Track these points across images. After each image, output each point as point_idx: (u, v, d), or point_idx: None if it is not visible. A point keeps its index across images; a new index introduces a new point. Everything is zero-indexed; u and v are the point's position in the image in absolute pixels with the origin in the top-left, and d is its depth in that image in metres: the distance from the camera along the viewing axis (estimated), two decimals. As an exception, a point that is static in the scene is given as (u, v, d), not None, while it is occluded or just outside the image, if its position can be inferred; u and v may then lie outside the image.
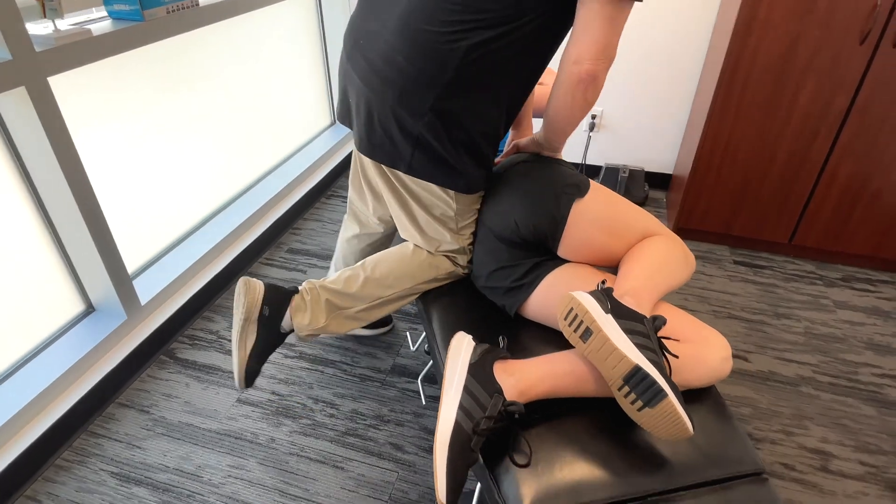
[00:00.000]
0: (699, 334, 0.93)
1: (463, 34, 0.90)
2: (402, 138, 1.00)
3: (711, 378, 0.91)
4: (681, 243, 1.07)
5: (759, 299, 1.87)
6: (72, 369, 1.41)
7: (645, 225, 1.07)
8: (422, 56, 0.93)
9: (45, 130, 1.23)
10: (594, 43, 0.87)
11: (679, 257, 1.03)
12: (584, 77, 0.90)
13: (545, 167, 1.12)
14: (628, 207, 1.09)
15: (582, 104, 0.95)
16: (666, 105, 2.33)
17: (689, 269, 1.05)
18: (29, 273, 1.37)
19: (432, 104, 0.95)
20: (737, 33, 1.72)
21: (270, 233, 2.11)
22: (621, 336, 0.82)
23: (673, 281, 1.01)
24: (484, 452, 0.87)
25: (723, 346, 0.92)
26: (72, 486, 1.28)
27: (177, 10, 1.53)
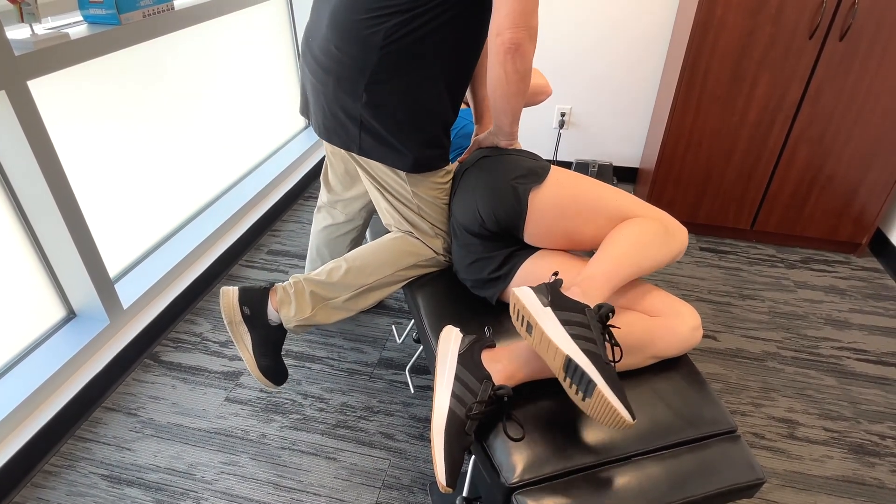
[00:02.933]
0: (672, 308, 0.99)
1: (381, 19, 0.97)
2: (349, 121, 1.07)
3: (683, 346, 0.97)
4: (661, 222, 1.03)
5: (725, 282, 1.97)
6: (55, 376, 1.40)
7: (617, 205, 1.05)
8: (349, 43, 1.00)
9: (25, 134, 1.23)
10: (510, 12, 0.91)
11: (654, 237, 1.00)
12: (508, 47, 0.93)
13: (501, 159, 1.13)
14: (595, 190, 1.07)
15: (514, 77, 0.98)
16: (631, 101, 2.43)
17: (671, 247, 1.01)
18: (8, 280, 1.36)
19: (365, 87, 1.02)
20: (695, 31, 1.82)
21: (249, 235, 2.12)
22: (557, 328, 0.83)
23: (647, 262, 0.99)
24: (478, 432, 0.91)
25: (692, 317, 0.98)
26: (62, 490, 1.28)
27: (153, 13, 1.54)
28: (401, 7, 0.95)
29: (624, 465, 0.85)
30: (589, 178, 1.10)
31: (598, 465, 0.84)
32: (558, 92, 2.47)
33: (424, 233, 1.21)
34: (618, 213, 1.05)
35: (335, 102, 1.06)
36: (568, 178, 1.08)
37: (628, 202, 1.06)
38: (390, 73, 1.00)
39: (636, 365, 0.97)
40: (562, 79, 2.44)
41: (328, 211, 1.46)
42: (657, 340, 0.95)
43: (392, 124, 1.05)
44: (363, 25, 0.98)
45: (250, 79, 2.26)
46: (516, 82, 0.98)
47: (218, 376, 1.57)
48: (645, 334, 0.95)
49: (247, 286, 1.21)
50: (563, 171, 1.10)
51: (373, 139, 1.07)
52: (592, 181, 1.09)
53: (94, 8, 1.43)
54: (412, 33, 0.97)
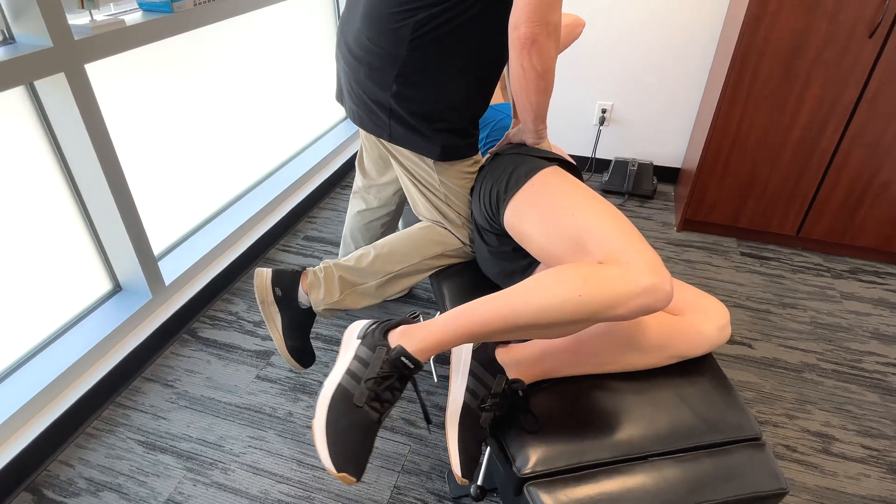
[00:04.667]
0: (697, 304, 0.97)
1: (410, 13, 0.98)
2: (379, 110, 1.09)
3: (708, 346, 0.95)
4: (596, 269, 0.80)
5: (766, 289, 1.90)
6: (100, 344, 1.48)
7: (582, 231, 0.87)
8: (380, 35, 1.02)
9: (81, 114, 1.30)
10: (526, 5, 0.88)
11: (557, 287, 0.79)
12: (524, 42, 0.91)
13: (503, 160, 1.09)
14: (574, 205, 0.92)
15: (531, 73, 0.94)
16: (675, 99, 2.36)
17: (596, 300, 0.77)
18: (62, 252, 1.45)
19: (395, 77, 1.03)
20: (746, 26, 1.75)
21: (287, 220, 2.18)
22: (345, 360, 0.87)
23: (529, 318, 0.80)
24: (494, 425, 0.91)
25: (719, 315, 0.95)
26: (101, 452, 1.35)
27: (204, 2, 1.60)
28: (429, 1, 0.96)
29: (640, 464, 0.84)
30: (582, 191, 0.95)
31: (613, 462, 0.84)
32: (600, 88, 2.43)
33: (452, 222, 1.22)
34: (575, 242, 0.88)
35: (367, 91, 1.08)
36: (542, 189, 0.97)
37: (603, 233, 0.86)
38: (419, 65, 1.01)
39: (656, 364, 0.95)
40: (604, 75, 2.40)
41: (362, 196, 1.49)
42: (678, 340, 0.93)
43: (420, 114, 1.06)
44: (393, 19, 0.99)
45: (294, 68, 2.31)
46: (534, 79, 0.95)
47: (250, 354, 1.63)
48: (664, 333, 0.93)
49: (280, 269, 1.24)
50: (555, 175, 0.99)
51: (402, 127, 1.08)
52: (584, 195, 0.93)
53: (149, -4, 1.49)
54: (441, 27, 0.98)
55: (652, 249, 0.83)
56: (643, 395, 0.93)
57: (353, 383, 0.82)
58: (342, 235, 1.64)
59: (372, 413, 0.81)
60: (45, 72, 1.20)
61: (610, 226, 0.86)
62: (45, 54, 1.19)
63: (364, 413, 0.81)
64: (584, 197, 0.93)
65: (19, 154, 1.30)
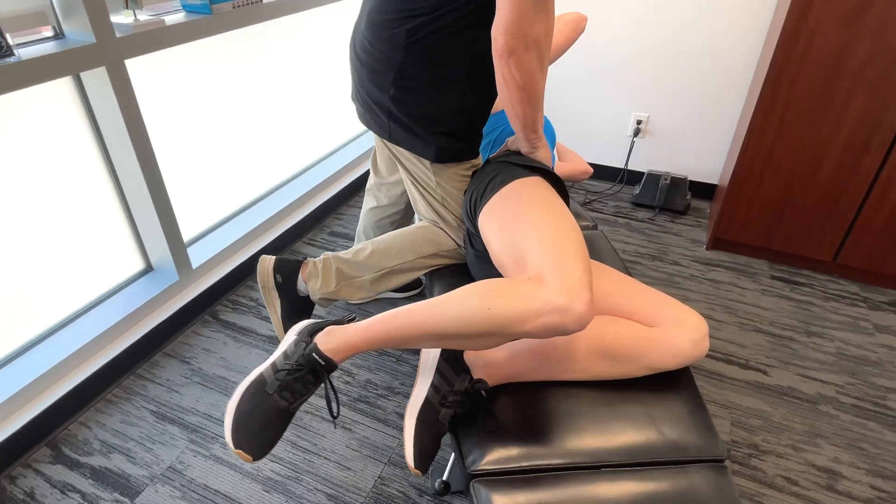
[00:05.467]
0: (674, 317, 0.95)
1: (405, 20, 1.02)
2: (380, 111, 1.13)
3: (682, 359, 0.93)
4: (519, 285, 0.83)
5: (792, 316, 1.81)
6: (127, 318, 1.60)
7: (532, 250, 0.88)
8: (379, 40, 1.06)
9: (120, 105, 1.42)
10: (503, 17, 0.89)
11: (471, 298, 0.83)
12: (502, 53, 0.91)
13: (491, 167, 1.10)
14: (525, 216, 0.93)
15: (511, 83, 0.95)
16: (715, 112, 2.29)
17: (502, 313, 0.81)
18: (101, 232, 1.58)
19: (393, 81, 1.07)
20: (783, 39, 1.69)
21: (316, 215, 2.27)
22: (277, 353, 0.93)
23: (438, 327, 0.85)
24: (456, 422, 0.93)
25: (695, 329, 0.93)
26: (117, 417, 1.46)
27: (242, 4, 1.70)
28: (424, 10, 0.99)
29: (593, 473, 0.83)
30: (544, 206, 0.95)
31: (564, 468, 0.84)
32: (636, 99, 2.39)
33: (448, 223, 1.24)
34: (519, 256, 0.89)
35: (369, 93, 1.13)
36: (523, 194, 0.98)
37: (540, 250, 0.87)
38: (415, 70, 1.05)
39: (628, 374, 0.94)
40: (641, 85, 2.35)
41: (374, 194, 1.54)
42: (650, 351, 0.92)
43: (417, 117, 1.09)
44: (389, 24, 1.03)
45: (329, 70, 2.40)
46: (515, 89, 0.96)
47: (264, 339, 1.71)
48: (636, 344, 0.92)
49: (283, 257, 1.31)
50: (527, 186, 1.00)
51: (400, 128, 1.12)
52: (544, 210, 0.94)
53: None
54: (435, 34, 1.01)
55: (582, 271, 0.83)
56: (609, 406, 0.92)
57: (270, 373, 0.88)
58: (356, 231, 1.70)
59: (280, 401, 0.88)
60: (89, 65, 1.32)
61: (548, 243, 0.87)
62: (88, 49, 1.31)
63: (272, 400, 0.87)
64: (542, 211, 0.94)
65: (67, 138, 1.43)
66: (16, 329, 1.43)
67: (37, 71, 1.21)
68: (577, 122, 2.55)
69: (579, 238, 0.90)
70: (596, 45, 2.34)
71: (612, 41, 2.31)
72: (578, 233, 0.91)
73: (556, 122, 2.59)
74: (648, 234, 2.25)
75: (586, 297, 0.79)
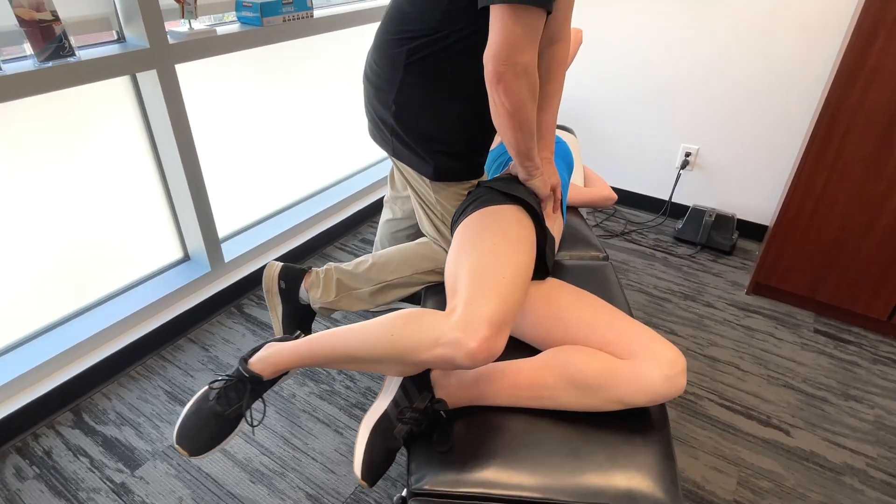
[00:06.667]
0: (647, 350, 0.90)
1: (405, 41, 1.04)
2: (384, 127, 1.15)
3: (652, 396, 0.88)
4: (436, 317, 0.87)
5: (830, 375, 1.67)
6: (161, 301, 1.72)
7: (456, 278, 0.91)
8: (383, 59, 1.09)
9: (167, 106, 1.54)
10: (492, 45, 0.90)
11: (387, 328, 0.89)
12: (491, 79, 0.92)
13: (480, 189, 1.10)
14: (470, 246, 0.95)
15: (501, 110, 0.95)
16: (770, 148, 2.16)
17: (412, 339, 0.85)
18: (147, 221, 1.71)
19: (394, 99, 1.09)
20: (839, 80, 1.58)
21: (351, 222, 2.34)
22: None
23: (356, 350, 0.91)
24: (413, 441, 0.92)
25: (669, 364, 0.88)
26: (135, 393, 1.57)
27: (292, 19, 1.81)
28: (424, 32, 1.01)
29: (535, 510, 0.81)
30: (493, 237, 0.95)
31: (507, 500, 0.82)
32: (686, 130, 2.30)
33: (447, 241, 1.25)
34: (452, 286, 0.92)
35: (375, 110, 1.16)
36: (483, 223, 0.99)
37: (463, 282, 0.90)
38: (414, 90, 1.07)
39: (595, 407, 0.90)
40: (692, 115, 2.27)
41: (390, 206, 1.58)
42: (619, 384, 0.88)
43: (416, 135, 1.11)
44: (393, 44, 1.06)
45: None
46: (505, 116, 0.96)
47: (279, 336, 1.78)
48: (604, 375, 0.88)
49: (289, 264, 1.36)
50: (493, 215, 1.00)
51: (402, 145, 1.14)
52: (489, 242, 0.94)
53: (245, 10, 1.72)
54: (434, 55, 1.03)
55: (493, 309, 0.84)
56: (569, 442, 0.89)
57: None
58: (374, 241, 1.74)
59: (216, 407, 0.98)
60: (142, 67, 1.45)
61: (474, 276, 0.90)
62: (142, 53, 1.44)
63: (211, 405, 0.98)
64: (489, 243, 0.95)
65: (126, 133, 1.57)
66: (67, 300, 1.58)
67: (93, 70, 1.35)
68: (622, 149, 2.48)
69: (513, 275, 0.90)
70: (647, 70, 2.28)
71: (663, 67, 2.24)
72: (516, 269, 0.91)
73: (599, 147, 2.53)
74: (685, 272, 2.14)
75: (483, 335, 0.81)
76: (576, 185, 1.58)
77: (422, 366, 0.88)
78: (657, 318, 1.89)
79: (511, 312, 0.87)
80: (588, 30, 2.34)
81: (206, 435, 0.97)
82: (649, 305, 1.95)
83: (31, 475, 1.34)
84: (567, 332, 0.98)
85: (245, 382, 0.99)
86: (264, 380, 0.99)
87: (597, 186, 1.68)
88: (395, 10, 1.07)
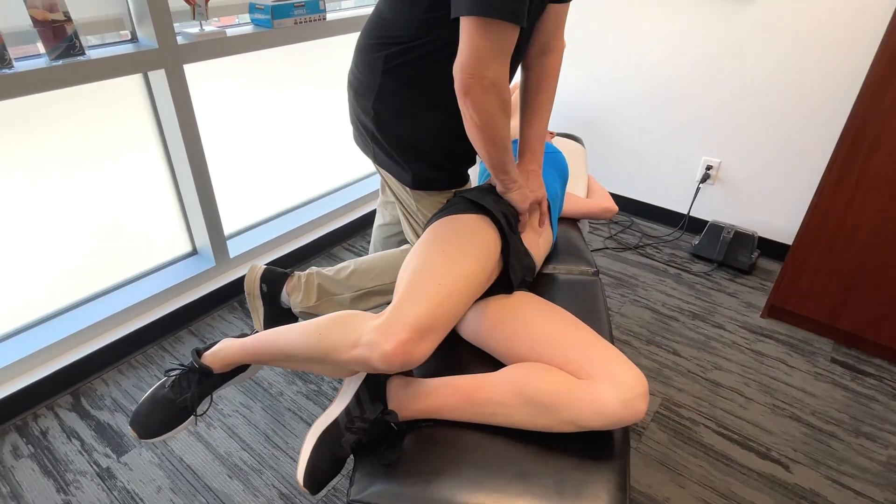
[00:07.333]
0: (605, 370, 0.85)
1: (383, 46, 1.03)
2: (365, 133, 1.15)
3: (607, 420, 0.83)
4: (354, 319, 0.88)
5: (843, 409, 1.56)
6: (166, 292, 1.77)
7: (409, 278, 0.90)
8: (362, 64, 1.08)
9: (175, 105, 1.59)
10: (460, 57, 0.88)
11: (321, 327, 0.91)
12: (459, 92, 0.91)
13: (456, 198, 1.08)
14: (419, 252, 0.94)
15: (471, 122, 0.94)
16: (796, 165, 2.05)
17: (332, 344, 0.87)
18: (158, 216, 1.77)
19: (373, 104, 1.08)
20: (867, 92, 1.48)
21: (359, 224, 2.35)
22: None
23: (293, 349, 0.93)
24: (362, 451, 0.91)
25: (628, 388, 0.83)
26: (132, 381, 1.62)
27: (304, 22, 1.83)
28: (401, 38, 1.00)
29: (472, 532, 0.78)
30: (444, 245, 0.94)
31: (443, 521, 0.79)
32: (707, 142, 2.21)
33: None
34: (398, 287, 0.92)
35: (356, 115, 1.16)
36: (441, 230, 0.97)
37: (400, 287, 0.89)
38: (392, 97, 1.06)
39: (549, 427, 0.87)
40: (715, 127, 2.17)
41: (381, 211, 1.57)
42: (572, 404, 0.83)
43: (394, 143, 1.10)
44: (371, 49, 1.06)
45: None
46: (474, 129, 0.95)
47: (276, 333, 1.81)
48: (558, 395, 0.84)
49: (272, 268, 1.37)
50: (452, 224, 0.98)
51: (382, 152, 1.14)
52: (437, 249, 0.93)
53: (258, 13, 1.76)
54: (411, 63, 1.02)
55: (418, 313, 0.83)
56: (518, 465, 0.86)
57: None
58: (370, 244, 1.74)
59: (169, 393, 1.01)
60: (150, 67, 1.50)
61: (412, 280, 0.89)
62: (152, 53, 1.49)
63: (165, 392, 1.01)
64: (437, 250, 0.94)
65: (138, 128, 1.62)
66: (79, 286, 1.65)
67: (102, 69, 1.40)
68: (640, 160, 2.41)
69: (452, 282, 0.88)
70: (670, 81, 2.20)
71: (687, 77, 2.16)
72: (459, 277, 0.89)
73: (617, 156, 2.46)
74: (698, 290, 2.05)
75: (400, 338, 0.80)
76: (573, 196, 1.54)
77: (344, 366, 0.88)
78: (660, 336, 1.82)
79: (441, 320, 0.85)
80: (612, 36, 2.28)
81: (156, 420, 0.99)
82: (654, 323, 1.88)
83: (25, 454, 1.40)
84: (531, 348, 0.95)
85: (195, 373, 1.01)
86: (214, 372, 1.01)
87: (598, 197, 1.63)
88: (376, 14, 1.07)
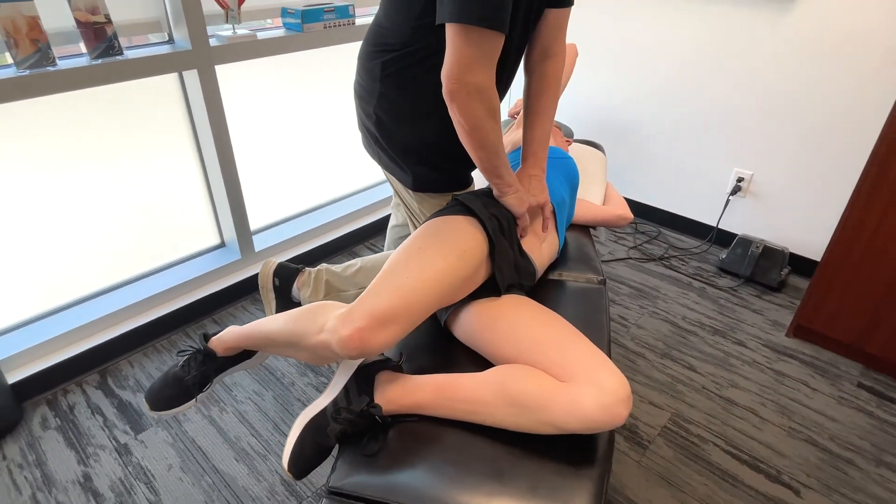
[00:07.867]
0: (587, 373, 0.85)
1: (381, 53, 1.06)
2: (369, 137, 1.18)
3: (586, 423, 0.82)
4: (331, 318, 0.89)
5: (865, 436, 1.49)
6: (193, 281, 1.86)
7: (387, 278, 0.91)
8: (363, 70, 1.12)
9: (206, 104, 1.67)
10: (445, 63, 0.90)
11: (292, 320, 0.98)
12: (446, 97, 0.93)
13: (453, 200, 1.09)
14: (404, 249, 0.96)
15: (460, 128, 0.97)
16: (830, 180, 1.97)
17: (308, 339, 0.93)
18: (190, 209, 1.86)
19: (374, 109, 1.11)
20: (899, 107, 1.41)
21: (379, 224, 2.40)
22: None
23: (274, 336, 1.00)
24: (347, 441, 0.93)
25: (608, 392, 0.82)
26: (155, 364, 1.71)
27: (334, 26, 1.89)
28: (395, 45, 1.03)
29: (442, 527, 0.80)
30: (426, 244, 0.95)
31: (414, 513, 0.81)
32: (739, 154, 2.15)
33: None
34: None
35: (361, 119, 1.20)
36: (428, 230, 0.99)
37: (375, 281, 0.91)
38: (391, 102, 1.09)
39: (530, 428, 0.87)
40: (747, 139, 2.11)
41: (394, 212, 1.61)
42: (551, 406, 0.84)
43: (395, 146, 1.13)
44: (371, 56, 1.09)
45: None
46: (463, 134, 0.97)
47: (293, 326, 1.87)
48: (538, 396, 0.85)
49: (285, 263, 1.42)
50: (440, 224, 1.00)
51: (384, 155, 1.17)
52: (420, 248, 0.95)
53: (289, 17, 1.83)
54: (407, 69, 1.04)
55: (381, 303, 0.86)
56: (496, 464, 0.87)
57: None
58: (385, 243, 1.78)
59: (179, 371, 1.10)
60: (184, 67, 1.59)
61: (386, 272, 0.92)
62: (185, 54, 1.57)
63: (176, 370, 1.11)
64: (416, 246, 0.96)
65: (174, 124, 1.72)
66: (115, 271, 1.75)
67: (138, 68, 1.49)
68: (670, 169, 2.36)
69: (420, 276, 0.90)
70: (702, 90, 2.15)
71: (722, 87, 2.11)
72: (430, 273, 0.91)
73: (648, 165, 2.42)
74: (722, 305, 2.00)
75: (357, 325, 0.84)
76: (587, 202, 1.53)
77: (313, 351, 0.93)
78: (676, 350, 1.78)
79: (404, 311, 0.87)
80: (645, 45, 2.25)
81: (165, 394, 1.08)
82: (671, 336, 1.84)
83: (53, 426, 1.49)
84: (518, 350, 0.96)
85: (200, 353, 1.09)
86: (217, 356, 1.07)
87: (613, 204, 1.61)
88: (375, 23, 1.10)
